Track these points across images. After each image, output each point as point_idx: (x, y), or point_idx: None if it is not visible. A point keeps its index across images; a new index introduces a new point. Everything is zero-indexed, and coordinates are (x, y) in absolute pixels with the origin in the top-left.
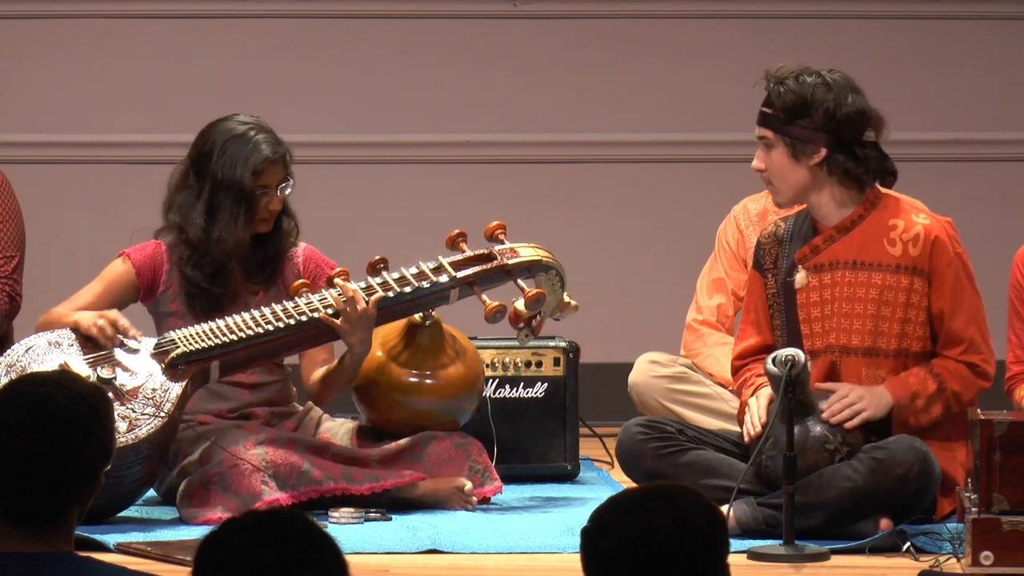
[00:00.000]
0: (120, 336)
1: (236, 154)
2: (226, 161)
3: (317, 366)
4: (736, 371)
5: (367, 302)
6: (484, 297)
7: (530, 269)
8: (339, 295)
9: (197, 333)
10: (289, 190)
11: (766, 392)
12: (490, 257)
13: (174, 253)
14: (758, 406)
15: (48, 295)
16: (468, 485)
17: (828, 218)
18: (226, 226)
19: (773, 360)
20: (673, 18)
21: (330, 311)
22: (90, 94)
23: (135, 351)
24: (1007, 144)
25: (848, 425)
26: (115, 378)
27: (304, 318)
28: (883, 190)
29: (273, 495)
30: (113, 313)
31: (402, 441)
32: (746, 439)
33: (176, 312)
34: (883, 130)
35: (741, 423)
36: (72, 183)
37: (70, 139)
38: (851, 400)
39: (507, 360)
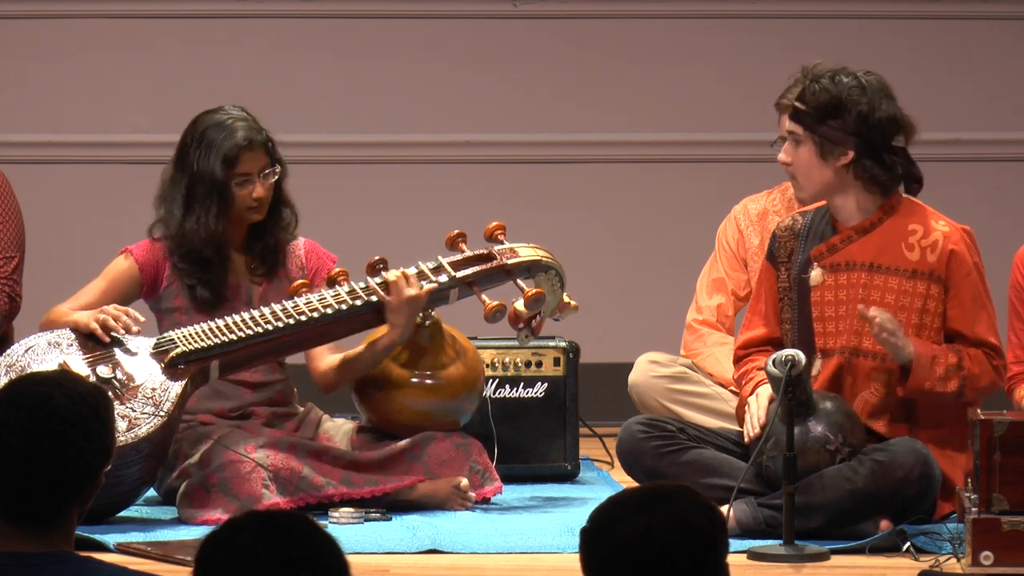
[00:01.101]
0: (121, 328)
1: (211, 143)
2: (202, 151)
3: (327, 354)
4: (738, 360)
5: (421, 288)
6: (484, 297)
7: (530, 269)
8: (390, 274)
9: (196, 332)
10: (275, 177)
11: (766, 390)
12: (490, 257)
13: (166, 247)
14: (758, 406)
15: (49, 295)
16: (464, 482)
17: (848, 219)
18: (199, 218)
19: (773, 361)
20: (673, 18)
21: (379, 282)
22: (91, 94)
23: (134, 352)
24: (1007, 144)
25: (877, 332)
26: (115, 378)
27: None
28: (906, 196)
29: (273, 499)
30: (112, 308)
31: (402, 442)
32: (745, 439)
33: (179, 308)
34: (913, 136)
35: (740, 420)
36: (73, 183)
37: (71, 139)
38: (893, 325)
39: (507, 360)
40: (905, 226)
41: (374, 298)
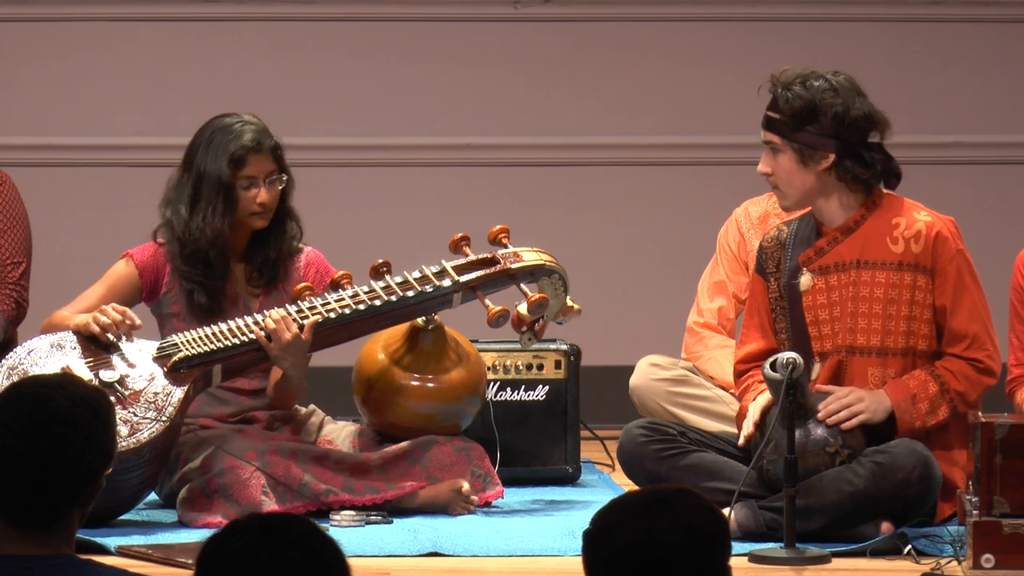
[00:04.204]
0: (118, 328)
1: (218, 144)
2: (209, 153)
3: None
4: (739, 375)
5: (301, 328)
6: (487, 301)
7: (533, 273)
8: (269, 319)
9: (199, 337)
10: (281, 185)
11: (764, 398)
12: (493, 261)
13: (168, 251)
14: (753, 413)
15: (51, 298)
16: (466, 486)
17: (832, 220)
18: (204, 216)
19: (772, 365)
20: (675, 21)
21: (263, 333)
22: (92, 97)
23: (136, 356)
24: (1008, 147)
25: (845, 426)
26: (117, 382)
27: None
28: (887, 191)
29: (272, 507)
30: (111, 308)
31: (403, 445)
32: (740, 442)
33: (178, 314)
34: (887, 131)
35: (740, 428)
36: (74, 186)
37: (72, 142)
38: (849, 401)
39: (508, 363)
40: (888, 220)
41: (308, 325)
